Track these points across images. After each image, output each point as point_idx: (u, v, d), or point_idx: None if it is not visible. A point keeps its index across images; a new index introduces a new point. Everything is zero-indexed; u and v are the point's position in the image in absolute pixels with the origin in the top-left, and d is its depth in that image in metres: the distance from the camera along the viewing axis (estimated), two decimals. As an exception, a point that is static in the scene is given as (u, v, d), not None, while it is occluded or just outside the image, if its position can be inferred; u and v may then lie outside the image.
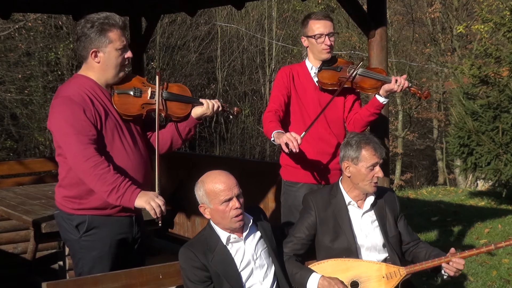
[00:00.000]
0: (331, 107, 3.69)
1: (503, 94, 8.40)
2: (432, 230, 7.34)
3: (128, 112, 2.98)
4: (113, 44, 2.90)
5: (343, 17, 18.86)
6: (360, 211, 3.13)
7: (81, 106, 2.83)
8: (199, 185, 2.81)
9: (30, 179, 6.58)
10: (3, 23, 14.07)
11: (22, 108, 15.56)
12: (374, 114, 3.69)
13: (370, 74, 3.67)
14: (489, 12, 13.68)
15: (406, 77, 3.64)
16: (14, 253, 5.29)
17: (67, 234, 3.02)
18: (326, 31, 3.65)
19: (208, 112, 3.13)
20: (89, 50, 2.91)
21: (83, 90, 2.89)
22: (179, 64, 18.65)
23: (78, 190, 2.92)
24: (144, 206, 2.78)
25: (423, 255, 3.12)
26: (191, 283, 2.75)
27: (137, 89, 3.01)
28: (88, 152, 2.79)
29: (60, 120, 2.84)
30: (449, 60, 18.57)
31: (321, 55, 3.71)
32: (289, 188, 3.80)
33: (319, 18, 3.67)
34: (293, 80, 3.74)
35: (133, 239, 3.11)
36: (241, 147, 19.62)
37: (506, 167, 8.17)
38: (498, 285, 5.29)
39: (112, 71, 2.95)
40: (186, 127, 3.14)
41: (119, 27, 2.91)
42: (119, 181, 2.79)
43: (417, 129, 21.75)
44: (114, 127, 2.95)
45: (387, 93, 3.60)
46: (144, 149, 3.10)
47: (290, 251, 3.08)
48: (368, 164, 3.03)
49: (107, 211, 2.97)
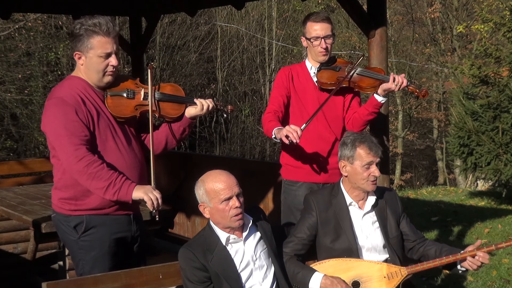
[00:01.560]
0: (330, 106, 3.70)
1: (503, 94, 8.40)
2: (432, 230, 7.34)
3: (121, 114, 2.99)
4: (94, 50, 2.91)
5: (343, 17, 18.86)
6: (361, 212, 3.13)
7: (73, 107, 2.84)
8: (199, 184, 2.82)
9: (30, 179, 6.58)
10: (3, 23, 14.06)
11: (22, 108, 15.55)
12: (372, 113, 3.70)
13: (368, 73, 3.68)
14: (489, 12, 13.67)
15: (405, 76, 3.64)
16: (14, 253, 5.29)
17: (65, 236, 3.03)
18: (323, 34, 3.66)
19: (201, 112, 3.13)
20: (74, 51, 2.95)
21: (75, 91, 2.90)
22: (179, 64, 18.64)
23: (74, 191, 2.93)
24: (142, 197, 2.81)
25: (433, 253, 3.10)
26: (190, 284, 2.75)
27: (130, 91, 3.02)
28: (80, 152, 2.80)
29: (52, 121, 2.86)
30: (449, 60, 18.57)
31: (318, 57, 3.74)
32: (289, 187, 3.81)
33: (317, 20, 3.67)
34: (293, 80, 3.76)
35: (132, 237, 3.11)
36: (241, 147, 19.60)
37: (506, 167, 8.17)
38: (498, 285, 5.29)
39: (95, 76, 2.96)
40: (181, 127, 3.15)
41: (105, 34, 2.90)
42: (114, 177, 2.81)
43: (417, 129, 21.74)
44: (107, 128, 2.95)
45: (385, 92, 3.61)
46: (139, 149, 3.11)
47: (291, 251, 3.08)
48: (363, 162, 3.03)
49: (104, 211, 2.97)
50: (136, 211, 3.14)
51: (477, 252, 2.91)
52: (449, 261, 2.96)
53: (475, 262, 2.92)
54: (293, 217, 3.70)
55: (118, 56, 2.97)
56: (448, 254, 3.00)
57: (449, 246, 3.13)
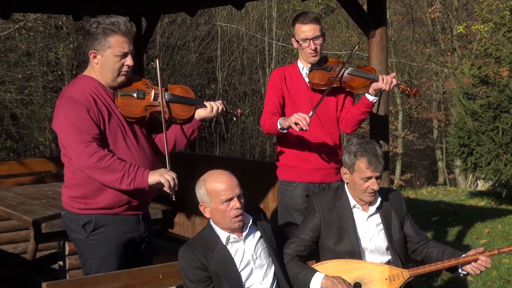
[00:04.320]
0: (323, 106, 3.70)
1: (503, 94, 8.40)
2: (432, 230, 7.34)
3: (131, 114, 3.00)
4: (111, 49, 2.92)
5: (343, 17, 18.86)
6: (365, 214, 3.12)
7: (84, 106, 2.86)
8: (200, 183, 2.82)
9: (30, 179, 6.58)
10: (3, 23, 14.06)
11: (22, 108, 15.55)
12: (365, 113, 3.69)
13: (359, 73, 3.66)
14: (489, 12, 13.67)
15: (395, 75, 3.63)
16: (14, 253, 5.29)
17: (74, 234, 3.04)
18: (311, 35, 3.65)
19: (211, 114, 3.13)
20: (89, 50, 2.94)
21: (86, 91, 2.92)
22: (179, 64, 18.64)
23: (84, 190, 2.95)
24: (159, 180, 2.84)
25: (436, 255, 3.10)
26: (190, 283, 2.75)
27: (140, 91, 3.03)
28: (91, 148, 2.82)
29: (63, 120, 2.87)
30: (449, 60, 18.57)
31: (308, 58, 3.74)
32: (286, 188, 3.82)
33: (305, 22, 3.66)
34: (286, 81, 3.77)
35: (140, 238, 3.12)
36: (241, 147, 19.61)
37: (506, 167, 8.17)
38: (498, 285, 5.29)
39: (109, 75, 2.97)
40: (190, 129, 3.16)
41: (123, 33, 2.92)
42: (127, 167, 2.84)
43: (417, 129, 21.74)
44: (118, 127, 2.97)
45: (376, 92, 3.59)
46: (150, 149, 3.11)
47: (293, 252, 3.08)
48: (362, 176, 3.01)
49: (114, 210, 2.99)
50: (145, 212, 3.14)
51: (479, 256, 2.90)
52: (451, 264, 2.96)
53: (479, 267, 2.92)
54: (291, 218, 3.72)
55: (133, 57, 3.00)
56: (450, 257, 3.00)
57: (451, 248, 3.13)
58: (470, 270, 2.96)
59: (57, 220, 4.26)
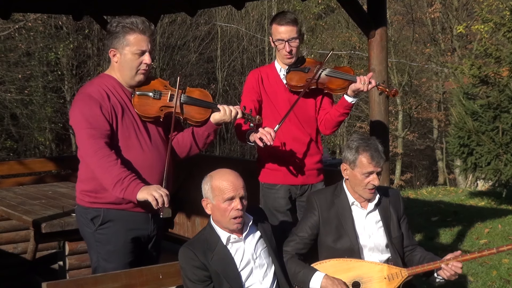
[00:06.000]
0: (302, 107, 3.68)
1: (503, 94, 8.40)
2: (432, 230, 7.34)
3: (146, 114, 3.04)
4: (130, 47, 2.96)
5: (343, 17, 18.86)
6: (364, 211, 3.13)
7: (98, 102, 2.91)
8: (207, 179, 2.83)
9: (30, 179, 6.57)
10: (3, 23, 14.07)
11: (22, 108, 15.56)
12: (344, 114, 3.66)
13: (337, 74, 3.62)
14: (489, 12, 13.68)
15: (372, 75, 3.60)
16: (14, 253, 5.29)
17: (83, 228, 3.09)
18: (286, 37, 3.59)
19: (226, 119, 3.12)
20: (109, 48, 3.01)
21: (102, 87, 2.98)
22: (179, 64, 18.66)
23: (95, 184, 2.98)
24: (146, 198, 2.82)
25: (418, 259, 3.13)
26: (190, 283, 2.75)
27: (156, 92, 3.06)
28: (98, 146, 2.86)
29: (77, 115, 2.94)
30: (449, 60, 18.59)
31: (283, 60, 3.70)
32: (268, 191, 3.79)
33: (281, 23, 3.60)
34: (263, 82, 3.73)
35: (148, 237, 3.13)
36: (241, 147, 19.61)
37: (506, 167, 8.17)
38: (498, 285, 5.29)
39: (128, 73, 3.01)
40: (205, 132, 3.15)
41: (141, 31, 2.96)
42: (125, 175, 2.85)
43: (417, 129, 21.76)
44: (131, 125, 3.01)
45: (354, 93, 3.56)
46: (164, 148, 3.11)
47: (292, 250, 3.08)
48: (363, 171, 3.02)
49: (122, 206, 3.01)
50: (154, 211, 3.14)
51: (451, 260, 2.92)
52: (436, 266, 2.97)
53: (448, 270, 2.93)
54: (276, 220, 3.67)
55: (151, 56, 3.03)
56: (429, 261, 3.02)
57: (432, 254, 3.15)
58: (442, 274, 2.98)
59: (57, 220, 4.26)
